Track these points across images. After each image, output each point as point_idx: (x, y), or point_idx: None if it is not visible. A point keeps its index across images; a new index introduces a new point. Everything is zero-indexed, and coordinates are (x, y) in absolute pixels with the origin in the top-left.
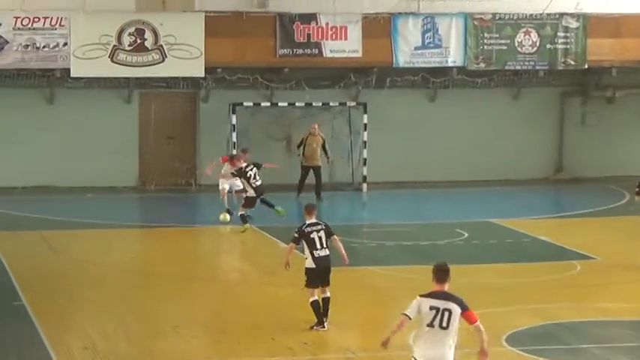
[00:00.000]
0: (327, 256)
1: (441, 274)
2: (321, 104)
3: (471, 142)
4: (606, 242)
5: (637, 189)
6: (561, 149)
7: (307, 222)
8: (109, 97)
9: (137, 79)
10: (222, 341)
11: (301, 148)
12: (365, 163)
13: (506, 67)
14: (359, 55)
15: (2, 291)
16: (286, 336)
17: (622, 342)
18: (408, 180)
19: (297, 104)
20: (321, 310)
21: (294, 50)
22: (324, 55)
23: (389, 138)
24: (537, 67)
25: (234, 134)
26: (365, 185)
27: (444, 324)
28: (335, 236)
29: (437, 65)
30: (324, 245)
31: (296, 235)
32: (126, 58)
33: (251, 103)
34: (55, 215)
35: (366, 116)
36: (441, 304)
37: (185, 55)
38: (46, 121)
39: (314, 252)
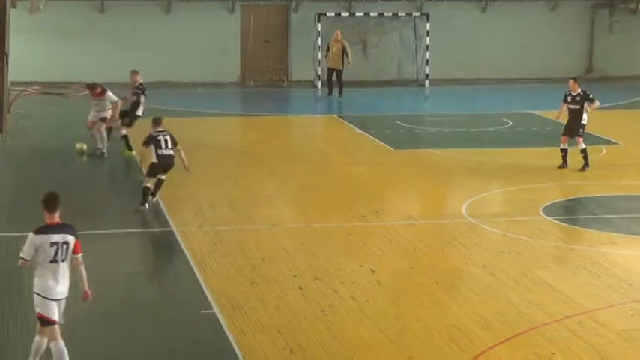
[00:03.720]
0: (170, 156)
1: (52, 202)
2: (391, 14)
3: (516, 46)
4: (628, 130)
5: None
6: (591, 53)
7: (156, 130)
8: (216, 8)
9: None
10: (308, 210)
11: (326, 52)
12: (427, 63)
13: None
14: None
15: (127, 167)
16: (360, 206)
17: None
18: (463, 77)
19: (371, 14)
20: (151, 191)
21: None
22: None
23: (447, 42)
24: None
25: (319, 39)
26: (427, 81)
27: (64, 257)
28: (179, 147)
29: None
30: (169, 147)
31: (145, 140)
32: None
33: (333, 14)
34: (170, 105)
35: (428, 24)
36: (60, 237)
37: None
38: (164, 28)
39: (158, 151)
